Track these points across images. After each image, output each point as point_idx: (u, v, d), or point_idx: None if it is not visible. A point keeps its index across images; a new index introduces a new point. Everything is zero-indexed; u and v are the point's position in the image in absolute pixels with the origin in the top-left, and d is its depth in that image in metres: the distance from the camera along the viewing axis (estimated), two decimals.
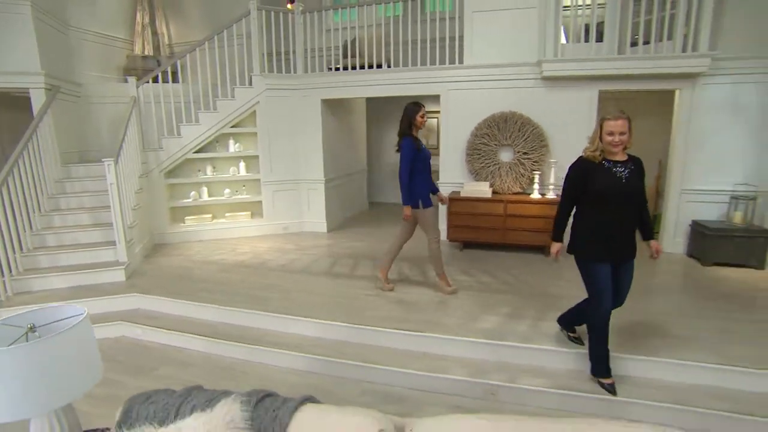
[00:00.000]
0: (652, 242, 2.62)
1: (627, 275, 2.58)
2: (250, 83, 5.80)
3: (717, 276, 4.30)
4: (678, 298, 3.81)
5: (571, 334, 2.96)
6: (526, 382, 2.70)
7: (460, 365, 2.89)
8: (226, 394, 1.32)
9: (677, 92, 4.83)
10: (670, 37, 4.70)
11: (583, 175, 2.47)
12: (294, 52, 5.95)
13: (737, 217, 4.59)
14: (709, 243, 4.55)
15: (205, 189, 5.96)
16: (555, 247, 2.71)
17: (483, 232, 4.89)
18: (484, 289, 3.93)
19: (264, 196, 6.06)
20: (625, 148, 2.44)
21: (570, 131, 4.98)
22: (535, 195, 4.92)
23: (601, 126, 2.43)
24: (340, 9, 6.11)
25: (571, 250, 2.64)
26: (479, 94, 5.15)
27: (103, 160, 4.29)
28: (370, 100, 7.66)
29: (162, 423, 1.17)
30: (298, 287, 4.07)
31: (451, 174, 5.47)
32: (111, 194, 4.28)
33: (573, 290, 3.94)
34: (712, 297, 3.73)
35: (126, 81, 5.57)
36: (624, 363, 2.75)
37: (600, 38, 4.93)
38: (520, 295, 3.77)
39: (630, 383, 2.65)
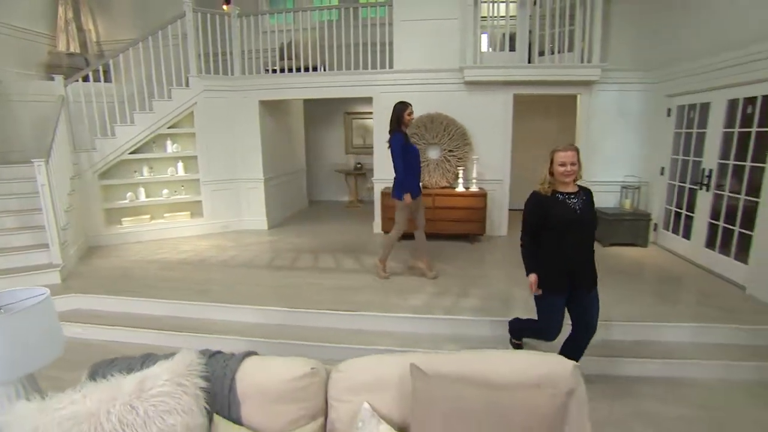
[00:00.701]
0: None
1: (593, 306, 2.60)
2: (187, 84, 5.84)
3: (613, 254, 5.02)
4: None
5: (516, 341, 3.03)
6: (448, 348, 3.13)
7: (392, 338, 3.27)
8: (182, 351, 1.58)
9: (578, 97, 5.55)
10: (570, 49, 5.40)
11: (539, 207, 2.48)
12: (231, 53, 6.06)
13: (627, 204, 5.38)
14: (607, 227, 5.30)
15: (142, 190, 5.91)
16: (532, 278, 2.59)
17: (414, 224, 5.31)
18: (412, 274, 4.36)
19: (203, 196, 6.12)
20: (575, 180, 2.48)
21: (490, 130, 5.57)
22: (460, 188, 5.44)
23: (552, 159, 2.46)
24: (276, 14, 6.27)
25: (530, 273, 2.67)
26: (408, 96, 5.51)
27: (32, 160, 4.22)
28: (307, 102, 7.90)
29: (129, 372, 1.42)
30: (240, 280, 4.26)
31: (384, 170, 5.85)
32: (42, 196, 4.22)
33: (492, 270, 4.50)
34: (609, 272, 4.36)
35: (52, 79, 5.42)
36: None
37: (513, 48, 5.55)
38: (446, 276, 4.23)
39: (535, 347, 3.16)
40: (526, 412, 1.26)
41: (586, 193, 2.53)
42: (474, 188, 5.46)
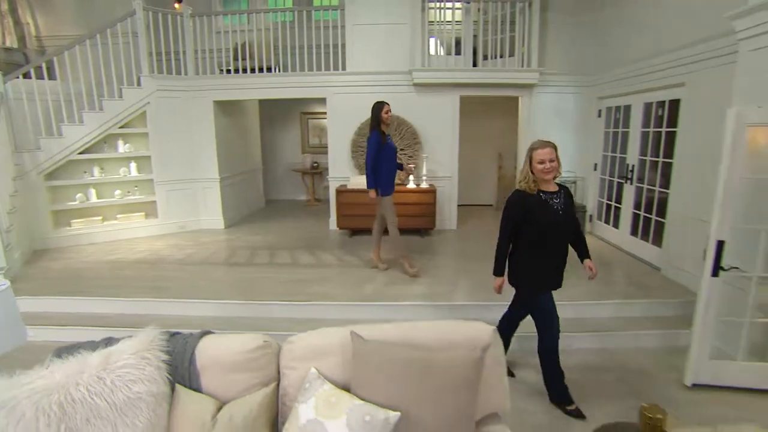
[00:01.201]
0: (588, 261, 2.60)
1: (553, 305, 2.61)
2: (139, 84, 5.78)
3: None
4: None
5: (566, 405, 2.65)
6: None
7: (339, 325, 3.46)
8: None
9: (520, 99, 5.97)
10: (512, 54, 5.80)
11: (522, 207, 2.42)
12: (184, 53, 6.04)
13: None
14: None
15: (92, 191, 5.79)
16: (498, 281, 2.61)
17: (368, 220, 5.52)
18: (366, 266, 4.58)
19: (158, 196, 6.08)
20: (554, 178, 2.43)
21: (439, 130, 5.89)
22: (411, 185, 5.72)
23: (530, 157, 2.40)
24: (230, 15, 6.31)
25: (513, 283, 2.63)
26: (361, 97, 5.82)
27: None
28: (263, 102, 7.95)
29: (94, 350, 1.55)
30: (197, 277, 4.34)
31: (339, 169, 6.08)
32: None
33: (441, 261, 4.78)
34: None
35: None
36: (481, 310, 3.56)
37: (460, 52, 5.89)
38: (396, 268, 4.48)
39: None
40: (448, 365, 1.51)
41: (565, 191, 2.49)
42: (424, 185, 5.76)
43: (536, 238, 2.44)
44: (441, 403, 1.46)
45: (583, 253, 2.62)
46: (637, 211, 4.92)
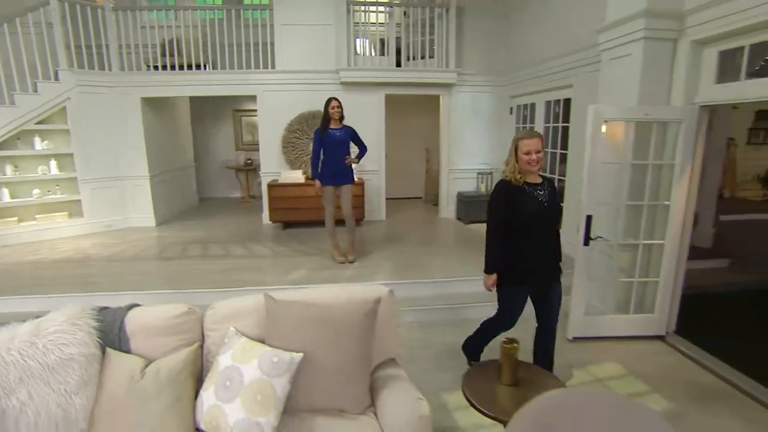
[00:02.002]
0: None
1: (555, 300, 2.54)
2: (57, 78, 5.59)
3: (473, 229, 5.99)
4: (445, 246, 5.30)
5: (473, 361, 2.88)
6: None
7: None
8: None
9: (441, 97, 6.45)
10: (432, 56, 6.27)
11: (508, 197, 2.37)
12: (107, 47, 5.90)
13: (482, 188, 6.42)
14: (467, 207, 6.27)
15: (5, 191, 5.52)
16: (490, 279, 2.50)
17: (299, 213, 5.81)
18: (297, 255, 4.84)
19: (83, 195, 5.90)
20: (538, 169, 2.38)
21: (365, 126, 6.17)
22: None
23: (516, 147, 2.35)
24: (156, 11, 6.24)
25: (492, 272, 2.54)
26: (290, 95, 6.02)
27: None
28: (194, 99, 7.87)
29: (24, 321, 1.70)
30: (127, 272, 4.36)
31: (271, 164, 6.25)
32: None
33: (368, 248, 5.12)
34: (470, 243, 5.29)
35: None
36: (400, 287, 3.92)
37: (383, 52, 6.27)
38: (324, 255, 4.76)
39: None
40: (343, 316, 1.83)
41: (550, 184, 2.45)
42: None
43: (519, 229, 2.38)
44: (339, 346, 1.78)
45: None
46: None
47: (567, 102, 4.86)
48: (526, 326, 2.69)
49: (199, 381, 1.82)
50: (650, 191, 3.28)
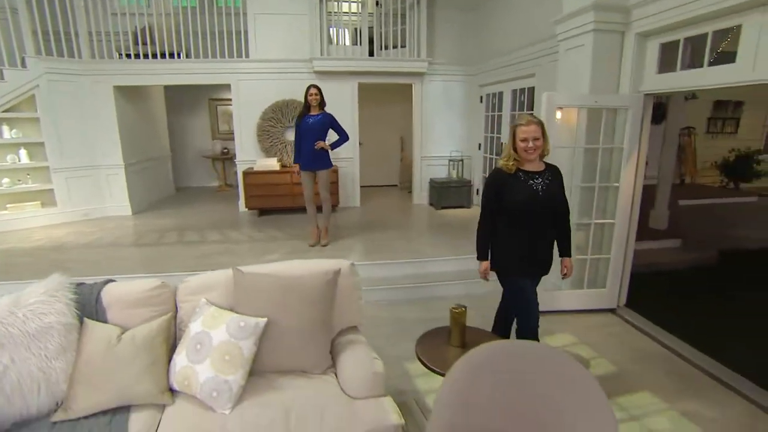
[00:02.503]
0: (566, 260, 2.50)
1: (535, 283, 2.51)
2: (24, 65, 5.52)
3: (444, 215, 6.21)
4: (416, 230, 5.49)
5: None
6: None
7: None
8: None
9: (413, 86, 6.61)
10: (404, 45, 6.40)
11: (497, 186, 2.30)
12: (76, 34, 5.84)
13: (453, 174, 6.63)
14: (439, 193, 6.48)
15: None
16: (483, 266, 2.45)
17: (275, 199, 5.93)
18: (272, 240, 4.98)
19: (56, 184, 5.86)
20: (542, 157, 2.32)
21: (339, 114, 6.21)
22: None
23: (513, 134, 2.27)
24: None
25: (493, 266, 2.47)
26: (264, 84, 6.09)
27: None
28: (168, 88, 7.83)
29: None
30: (104, 258, 4.42)
31: (246, 153, 6.34)
32: None
33: (342, 233, 5.28)
34: (441, 227, 5.51)
35: None
36: (371, 268, 4.10)
37: (356, 42, 6.37)
38: (299, 239, 4.92)
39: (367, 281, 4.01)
40: (306, 285, 1.99)
41: (552, 172, 2.34)
42: None
43: (512, 219, 2.32)
44: (301, 313, 1.95)
45: (563, 250, 2.50)
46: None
47: (531, 90, 5.07)
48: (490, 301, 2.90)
49: (172, 348, 1.97)
50: (601, 174, 3.53)
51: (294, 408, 1.71)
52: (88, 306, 1.93)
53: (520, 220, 2.30)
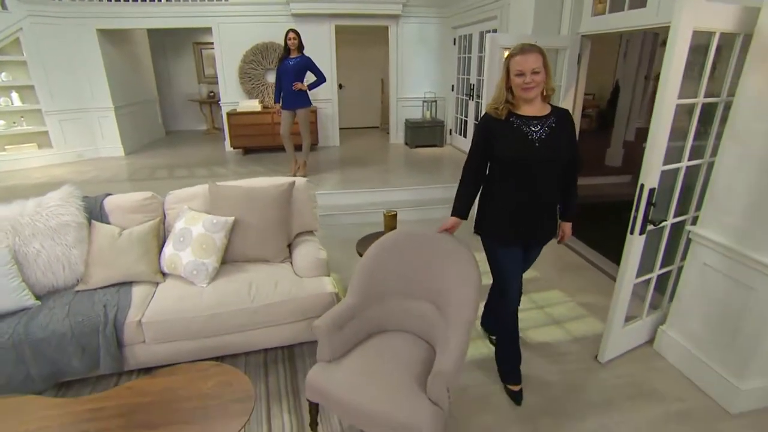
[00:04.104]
0: (565, 224, 2.13)
1: (533, 253, 2.13)
2: (4, 7, 5.62)
3: (417, 153, 6.65)
4: (388, 165, 5.97)
5: (493, 338, 2.52)
6: None
7: None
8: None
9: (389, 28, 6.81)
10: None
11: (485, 134, 1.89)
12: None
13: (427, 115, 7.00)
14: (413, 133, 6.89)
15: None
16: (450, 222, 1.99)
17: (258, 139, 6.34)
18: (255, 174, 5.42)
19: (49, 126, 6.20)
20: (545, 97, 1.86)
21: (317, 56, 6.41)
22: None
23: (507, 67, 1.80)
24: None
25: (476, 229, 2.09)
26: (244, 27, 6.30)
27: None
28: (152, 32, 7.93)
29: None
30: (103, 191, 4.83)
31: (230, 95, 6.66)
32: None
33: (320, 167, 5.74)
34: (415, 164, 5.97)
35: None
36: (341, 196, 4.60)
37: None
38: (280, 174, 5.31)
39: (339, 207, 4.53)
40: (265, 193, 2.51)
41: (558, 117, 1.87)
42: None
43: (501, 174, 1.92)
44: (263, 213, 2.48)
45: (565, 213, 2.10)
46: (476, 121, 6.20)
47: (494, 32, 5.35)
48: None
49: (162, 244, 2.51)
50: None
51: (255, 281, 2.28)
52: (94, 211, 2.45)
53: (510, 176, 1.88)
